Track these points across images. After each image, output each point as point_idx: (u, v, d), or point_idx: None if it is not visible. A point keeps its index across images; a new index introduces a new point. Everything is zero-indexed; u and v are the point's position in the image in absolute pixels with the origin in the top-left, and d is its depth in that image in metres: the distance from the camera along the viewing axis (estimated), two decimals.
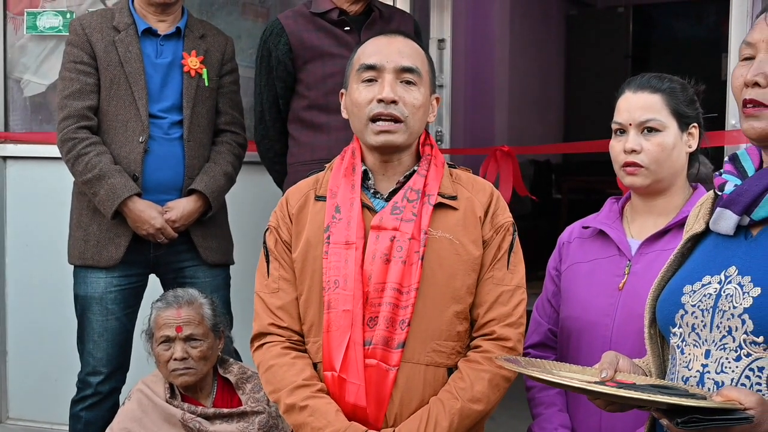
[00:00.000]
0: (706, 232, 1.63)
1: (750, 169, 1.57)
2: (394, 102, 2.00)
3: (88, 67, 2.96)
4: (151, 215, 2.90)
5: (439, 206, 2.04)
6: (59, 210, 3.41)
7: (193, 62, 3.00)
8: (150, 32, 3.00)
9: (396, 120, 2.01)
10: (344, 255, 1.98)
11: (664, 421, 1.42)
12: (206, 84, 3.03)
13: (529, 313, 2.31)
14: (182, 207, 2.95)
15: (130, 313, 3.05)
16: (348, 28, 2.98)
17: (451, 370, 2.02)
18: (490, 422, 2.23)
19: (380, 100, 2.00)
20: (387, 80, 2.01)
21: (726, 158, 1.64)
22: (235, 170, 3.11)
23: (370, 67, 2.03)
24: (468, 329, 2.06)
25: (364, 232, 2.00)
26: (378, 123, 2.01)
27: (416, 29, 3.15)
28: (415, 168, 2.08)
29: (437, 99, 2.15)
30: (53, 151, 3.17)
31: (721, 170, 1.62)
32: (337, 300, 1.97)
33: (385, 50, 2.04)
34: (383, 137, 2.01)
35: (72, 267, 3.07)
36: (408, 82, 2.03)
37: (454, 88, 3.84)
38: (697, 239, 1.65)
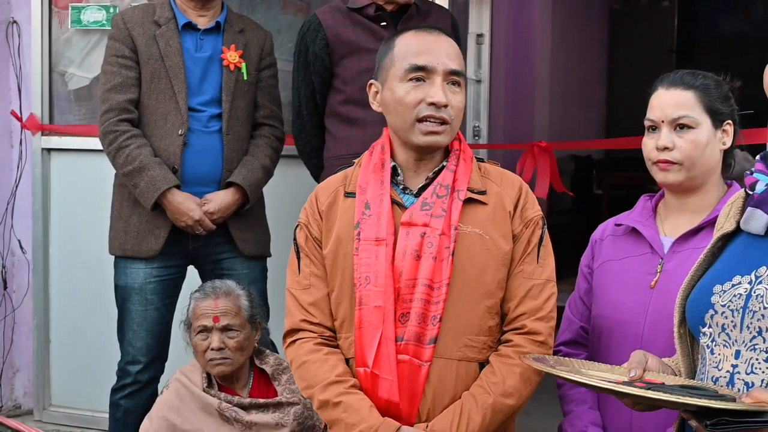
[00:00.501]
0: (737, 231, 1.61)
1: None
2: (444, 105, 2.01)
3: (130, 61, 3.00)
4: (190, 207, 2.94)
5: (468, 201, 2.04)
6: (101, 201, 3.46)
7: (232, 56, 3.03)
8: (190, 26, 3.04)
9: (444, 122, 2.02)
10: (375, 251, 1.99)
11: (693, 423, 1.41)
12: (245, 78, 3.06)
13: (562, 309, 2.31)
14: (220, 199, 2.99)
15: (169, 304, 3.09)
16: (384, 23, 2.99)
17: (482, 365, 2.02)
18: (525, 417, 2.23)
19: (432, 104, 2.00)
20: (437, 83, 2.01)
21: (758, 157, 1.62)
22: (272, 163, 3.13)
23: (420, 68, 2.02)
24: (499, 324, 2.06)
25: (394, 229, 2.01)
26: (426, 123, 2.01)
27: (454, 24, 3.14)
28: (444, 163, 2.07)
29: None
30: (96, 143, 3.22)
31: (753, 169, 1.60)
32: (369, 296, 1.98)
33: (433, 50, 2.03)
34: (431, 138, 2.02)
35: (113, 258, 3.12)
36: (454, 84, 2.03)
37: (493, 83, 3.82)
38: (727, 238, 1.63)
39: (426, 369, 1.97)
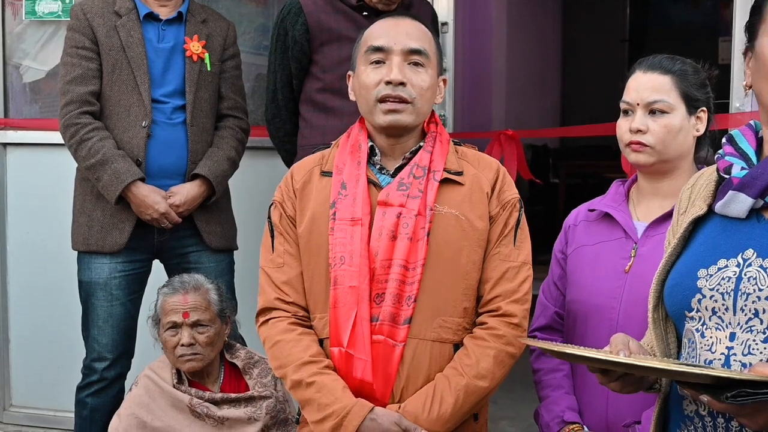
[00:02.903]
0: (707, 214, 1.61)
1: (748, 149, 1.56)
2: (402, 84, 2.01)
3: (90, 52, 2.94)
4: (155, 200, 2.89)
5: (445, 182, 2.05)
6: (60, 196, 3.40)
7: (195, 47, 2.99)
8: (151, 17, 2.99)
9: (403, 101, 2.01)
10: (350, 231, 1.99)
11: (705, 398, 1.39)
12: (208, 69, 3.02)
13: (534, 297, 2.31)
14: (186, 192, 2.95)
15: (135, 299, 3.05)
16: (366, 13, 2.95)
17: (457, 347, 2.03)
18: (491, 405, 2.23)
19: (388, 82, 2.01)
20: (395, 62, 2.02)
21: (723, 140, 1.63)
22: (238, 155, 3.10)
23: (378, 49, 2.03)
24: (474, 306, 2.06)
25: (370, 209, 2.01)
26: (386, 103, 2.01)
27: (433, 17, 3.15)
28: (421, 144, 2.08)
29: (444, 81, 2.16)
30: (53, 137, 3.16)
31: (721, 152, 1.60)
32: (344, 276, 1.98)
33: (392, 32, 2.05)
34: (391, 117, 2.02)
35: (75, 253, 3.06)
36: (416, 64, 2.03)
37: (456, 72, 3.82)
38: (696, 222, 1.63)
39: (400, 349, 1.97)
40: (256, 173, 3.48)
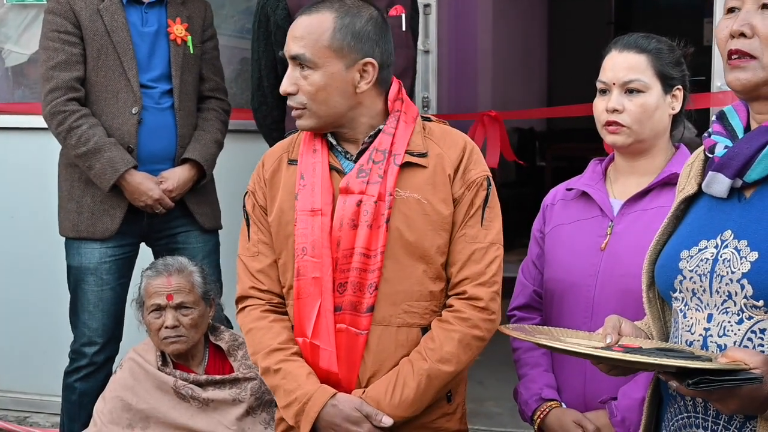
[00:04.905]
0: (699, 193, 1.61)
1: (738, 126, 1.56)
2: (291, 93, 2.00)
3: (73, 37, 2.93)
4: (149, 187, 2.90)
5: (407, 165, 2.00)
6: (43, 181, 3.40)
7: (178, 30, 2.99)
8: (134, 0, 2.98)
9: (299, 108, 2.00)
10: (311, 222, 1.98)
11: (674, 384, 1.41)
12: (191, 51, 3.02)
13: (514, 279, 2.32)
14: (177, 176, 2.96)
15: (124, 283, 3.06)
16: None
17: (426, 330, 2.02)
18: (478, 386, 2.24)
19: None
20: (288, 71, 2.00)
21: (713, 117, 1.62)
22: (223, 136, 3.12)
23: (286, 58, 2.04)
24: (444, 288, 2.05)
25: (332, 197, 2.00)
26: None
27: None
28: (381, 127, 2.04)
29: (371, 64, 1.99)
30: (36, 121, 3.14)
31: (710, 130, 1.60)
32: (306, 267, 1.98)
33: (288, 35, 2.02)
34: (298, 123, 2.02)
35: (62, 239, 3.06)
36: (301, 67, 1.98)
37: (440, 54, 3.82)
38: (690, 201, 1.64)
39: (364, 337, 1.98)
40: (238, 156, 3.47)
